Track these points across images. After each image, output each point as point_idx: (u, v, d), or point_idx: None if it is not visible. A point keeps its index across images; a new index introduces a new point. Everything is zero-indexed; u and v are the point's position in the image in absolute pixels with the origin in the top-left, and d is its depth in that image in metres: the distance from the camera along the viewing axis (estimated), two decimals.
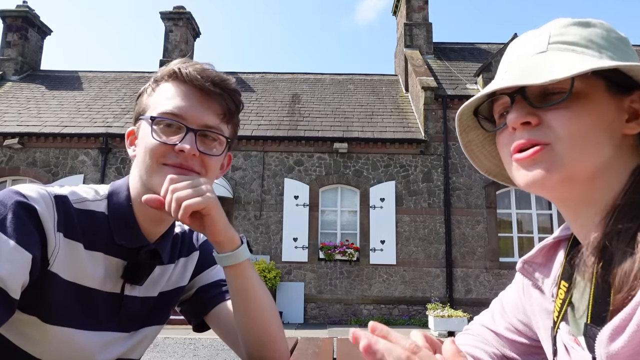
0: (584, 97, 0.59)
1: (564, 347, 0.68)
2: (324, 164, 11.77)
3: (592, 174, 0.60)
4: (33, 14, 15.76)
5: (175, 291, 0.99)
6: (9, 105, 13.15)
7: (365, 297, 11.04)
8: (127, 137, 0.92)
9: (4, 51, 15.25)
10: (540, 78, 0.56)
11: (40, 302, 0.75)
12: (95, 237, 0.83)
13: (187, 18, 15.81)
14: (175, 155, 0.82)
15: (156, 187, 0.82)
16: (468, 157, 0.78)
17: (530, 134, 0.61)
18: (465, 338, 0.93)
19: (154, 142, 0.82)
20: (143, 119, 0.86)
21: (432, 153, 11.78)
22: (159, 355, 6.77)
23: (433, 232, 11.33)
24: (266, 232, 11.38)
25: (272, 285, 10.35)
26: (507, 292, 0.91)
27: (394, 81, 15.44)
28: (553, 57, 0.61)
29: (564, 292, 0.69)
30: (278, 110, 13.18)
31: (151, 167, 0.82)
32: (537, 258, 0.78)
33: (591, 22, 0.65)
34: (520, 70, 0.61)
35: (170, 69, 0.86)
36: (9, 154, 11.78)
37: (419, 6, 15.31)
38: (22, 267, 0.70)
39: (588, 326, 0.61)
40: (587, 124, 0.59)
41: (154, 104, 0.85)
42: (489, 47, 15.67)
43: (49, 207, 0.76)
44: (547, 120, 0.60)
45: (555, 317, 0.70)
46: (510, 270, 11.04)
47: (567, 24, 0.65)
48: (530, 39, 0.67)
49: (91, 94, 14.02)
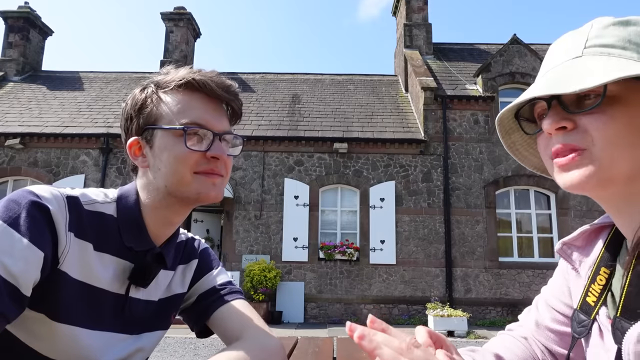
0: (617, 100, 0.59)
1: (599, 329, 0.69)
2: (324, 164, 11.79)
3: (630, 175, 0.60)
4: (34, 14, 15.78)
5: (173, 298, 1.00)
6: (10, 105, 13.18)
7: (365, 297, 11.07)
8: (130, 147, 0.89)
9: (6, 52, 15.28)
10: (571, 87, 0.57)
11: (49, 300, 0.77)
12: (105, 239, 0.84)
13: (187, 19, 15.82)
14: (207, 162, 0.85)
15: (191, 195, 0.85)
16: (514, 156, 0.78)
17: (565, 138, 0.62)
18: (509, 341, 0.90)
19: (187, 151, 0.83)
20: (158, 128, 0.85)
21: (432, 153, 11.79)
22: (160, 354, 6.80)
23: (433, 232, 11.35)
24: (266, 232, 11.40)
25: (272, 285, 10.37)
26: (551, 281, 0.90)
27: (393, 81, 15.45)
28: (588, 63, 0.60)
29: (604, 278, 0.70)
30: (278, 110, 13.19)
31: (185, 176, 0.84)
32: (577, 241, 0.79)
33: (631, 20, 0.64)
34: (555, 77, 0.62)
35: (179, 77, 0.87)
36: (10, 154, 11.81)
37: (418, 7, 15.32)
38: (34, 265, 0.71)
39: (617, 319, 0.63)
40: (621, 127, 0.59)
41: (173, 113, 0.85)
42: (489, 47, 15.67)
43: (62, 207, 0.78)
44: (583, 124, 0.60)
45: (593, 302, 0.71)
46: (510, 269, 11.07)
47: (607, 24, 0.64)
48: (568, 40, 0.67)
49: (92, 95, 14.05)
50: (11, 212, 0.72)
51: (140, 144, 0.88)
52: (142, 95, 0.88)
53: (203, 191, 0.85)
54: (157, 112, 0.86)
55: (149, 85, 0.89)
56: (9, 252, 0.69)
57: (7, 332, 0.78)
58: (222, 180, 0.89)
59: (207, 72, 0.89)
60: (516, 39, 12.42)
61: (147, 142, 0.87)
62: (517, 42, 12.37)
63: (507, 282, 10.99)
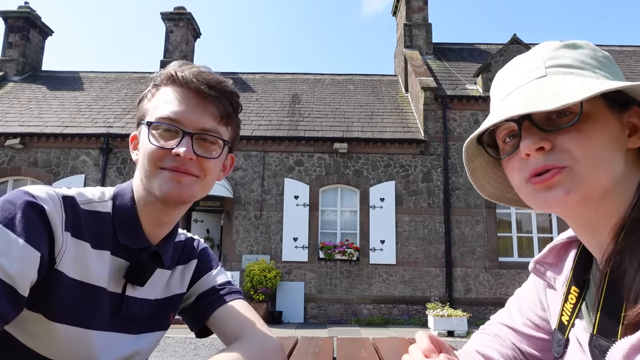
0: (591, 118, 0.60)
1: (578, 342, 0.68)
2: (324, 164, 11.80)
3: (605, 192, 0.61)
4: (34, 14, 15.78)
5: (172, 298, 0.99)
6: (10, 105, 13.18)
7: (365, 297, 11.07)
8: (131, 141, 0.93)
9: (6, 52, 15.29)
10: (551, 103, 0.56)
11: (46, 300, 0.76)
12: (102, 237, 0.84)
13: (187, 19, 15.82)
14: (172, 159, 0.83)
15: (154, 191, 0.84)
16: (473, 183, 0.78)
17: (546, 158, 0.61)
18: (479, 337, 0.93)
19: (152, 147, 0.83)
20: (142, 123, 0.87)
21: (432, 153, 11.80)
22: (160, 354, 6.80)
23: (433, 232, 11.36)
24: (266, 232, 11.40)
25: (272, 285, 10.37)
26: (524, 288, 0.92)
27: (393, 81, 15.45)
28: (556, 81, 0.61)
29: (575, 297, 0.70)
30: (278, 110, 13.19)
31: (150, 171, 0.84)
32: (549, 258, 0.80)
33: (577, 43, 0.66)
34: (527, 97, 0.61)
35: (167, 73, 0.87)
36: (10, 154, 11.81)
37: (418, 7, 15.32)
38: (31, 265, 0.71)
39: (594, 337, 0.63)
40: (599, 143, 0.60)
41: (152, 108, 0.86)
42: (489, 47, 15.68)
43: (57, 207, 0.78)
44: (561, 143, 0.60)
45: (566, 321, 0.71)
46: (510, 270, 11.07)
47: (557, 47, 0.66)
48: (522, 65, 0.67)
49: (92, 95, 14.05)
50: (6, 213, 0.72)
51: (137, 139, 0.90)
52: (145, 91, 0.91)
53: (164, 188, 0.83)
54: (146, 107, 0.88)
55: (152, 81, 0.90)
56: (5, 253, 0.69)
57: (5, 333, 0.78)
58: (194, 180, 0.86)
59: (197, 67, 0.87)
60: (516, 39, 12.43)
61: (139, 137, 0.89)
62: (517, 42, 12.38)
63: (507, 282, 10.99)
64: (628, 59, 14.60)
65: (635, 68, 13.78)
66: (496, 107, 0.68)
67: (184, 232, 1.07)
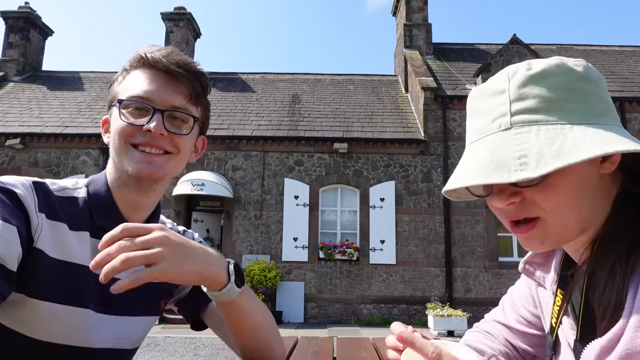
0: (558, 171, 0.58)
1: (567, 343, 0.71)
2: (324, 164, 11.79)
3: (581, 229, 0.63)
4: (35, 14, 15.76)
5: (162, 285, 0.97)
6: (10, 105, 13.17)
7: (365, 297, 11.07)
8: (102, 125, 0.95)
9: (6, 52, 15.28)
10: (516, 175, 0.56)
11: (27, 279, 0.77)
12: (79, 220, 0.86)
13: (187, 19, 15.81)
14: (143, 135, 0.86)
15: (126, 168, 0.86)
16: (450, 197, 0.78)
17: (518, 211, 0.63)
18: (471, 335, 0.96)
19: (122, 124, 0.86)
20: (114, 105, 0.90)
21: (432, 153, 11.79)
22: (160, 354, 6.80)
23: (433, 231, 11.35)
24: (266, 232, 11.40)
25: (272, 285, 10.38)
26: (516, 286, 0.94)
27: (393, 81, 15.45)
28: (519, 141, 0.59)
29: (560, 299, 0.73)
30: (278, 110, 13.19)
31: (120, 148, 0.87)
32: (537, 258, 0.82)
33: (546, 70, 0.62)
34: (493, 161, 0.60)
35: (137, 55, 0.89)
36: (10, 154, 11.81)
37: (418, 7, 15.32)
38: (14, 241, 0.72)
39: (577, 342, 0.66)
40: (567, 192, 0.60)
41: (123, 89, 0.89)
42: (489, 47, 15.67)
43: (28, 190, 0.80)
44: (529, 197, 0.62)
45: (553, 323, 0.74)
46: (510, 269, 11.07)
47: (523, 81, 0.63)
48: (489, 101, 0.66)
49: (92, 95, 14.05)
50: None
51: (109, 123, 0.93)
52: (116, 75, 0.94)
53: (135, 164, 0.86)
54: (116, 90, 0.91)
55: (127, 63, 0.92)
56: None
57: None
58: (166, 158, 0.89)
59: (164, 49, 0.90)
60: (516, 39, 12.43)
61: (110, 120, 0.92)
62: (517, 42, 12.38)
63: (507, 282, 10.98)
64: (628, 59, 14.59)
65: (635, 68, 13.76)
66: (466, 151, 0.68)
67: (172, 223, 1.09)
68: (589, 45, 16.02)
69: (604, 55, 15.06)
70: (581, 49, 15.67)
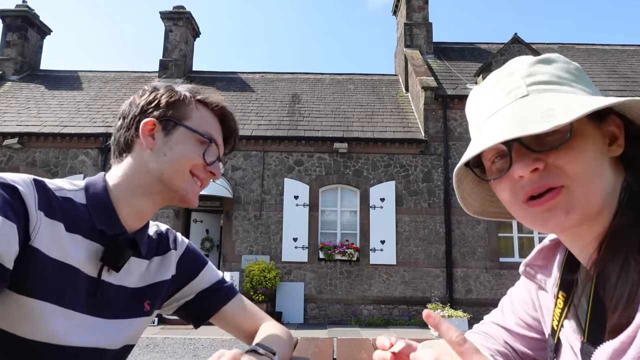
0: (579, 134, 0.60)
1: (569, 346, 0.69)
2: (324, 164, 11.76)
3: (602, 207, 0.61)
4: (33, 13, 15.76)
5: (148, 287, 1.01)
6: (8, 105, 13.14)
7: (365, 297, 11.03)
8: (144, 125, 0.94)
9: (4, 51, 15.25)
10: (543, 125, 0.55)
11: (19, 276, 0.77)
12: (76, 222, 0.86)
13: (187, 18, 15.79)
14: (203, 172, 0.96)
15: (180, 190, 0.94)
16: (462, 204, 0.77)
17: (541, 179, 0.60)
18: (469, 336, 0.94)
19: (197, 154, 0.94)
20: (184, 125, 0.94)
21: (432, 153, 11.77)
22: (159, 355, 6.76)
23: (433, 232, 11.32)
24: (266, 232, 11.37)
25: (271, 285, 10.34)
26: (516, 288, 0.93)
27: (394, 81, 15.43)
28: (541, 100, 0.60)
29: (562, 302, 0.71)
30: (278, 110, 13.17)
31: (184, 172, 0.93)
32: (538, 260, 0.80)
33: (550, 57, 0.66)
34: (514, 119, 0.59)
35: (216, 99, 0.99)
36: (8, 153, 11.77)
37: (419, 6, 15.31)
38: (13, 240, 0.73)
39: (584, 344, 0.64)
40: (590, 158, 0.60)
41: (197, 120, 0.96)
42: (489, 47, 15.67)
43: (29, 187, 0.80)
44: (553, 162, 0.60)
45: (555, 325, 0.72)
46: (511, 270, 11.04)
47: (532, 63, 0.65)
48: (499, 84, 0.66)
49: (91, 94, 14.02)
50: None
51: (155, 127, 0.93)
52: (178, 94, 0.97)
53: (191, 191, 0.95)
54: (188, 114, 0.96)
55: (186, 91, 0.98)
56: None
57: None
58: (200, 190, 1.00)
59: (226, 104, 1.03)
60: (517, 38, 12.41)
61: (163, 129, 0.94)
62: (518, 41, 12.36)
63: (508, 283, 10.93)
64: (630, 58, 14.58)
65: (637, 67, 13.75)
66: (480, 129, 0.66)
67: (156, 223, 1.11)
68: (591, 44, 16.00)
69: (606, 54, 15.05)
70: (583, 48, 15.66)
